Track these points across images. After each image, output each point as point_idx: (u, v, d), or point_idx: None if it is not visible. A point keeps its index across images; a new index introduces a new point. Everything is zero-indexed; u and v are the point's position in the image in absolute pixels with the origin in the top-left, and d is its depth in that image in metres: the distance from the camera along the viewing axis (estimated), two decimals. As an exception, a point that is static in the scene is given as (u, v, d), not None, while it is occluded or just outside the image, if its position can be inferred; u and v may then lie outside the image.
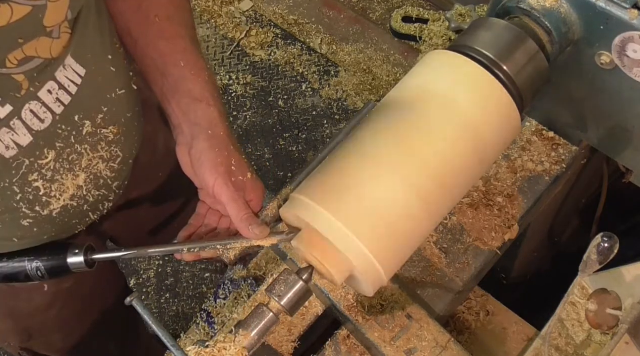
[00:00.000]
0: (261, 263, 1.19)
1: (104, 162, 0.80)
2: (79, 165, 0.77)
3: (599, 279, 0.90)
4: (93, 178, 0.80)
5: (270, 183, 2.21)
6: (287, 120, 2.35)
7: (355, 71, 2.38)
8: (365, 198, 0.65)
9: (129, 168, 0.89)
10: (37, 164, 0.72)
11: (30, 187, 0.73)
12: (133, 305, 0.75)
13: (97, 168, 0.80)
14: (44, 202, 0.76)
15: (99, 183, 0.82)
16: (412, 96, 0.71)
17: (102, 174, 0.81)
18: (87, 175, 0.79)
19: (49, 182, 0.75)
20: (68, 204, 0.79)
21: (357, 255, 0.64)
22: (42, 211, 0.77)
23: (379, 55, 2.40)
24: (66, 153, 0.75)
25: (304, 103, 2.37)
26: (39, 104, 0.69)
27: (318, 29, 2.49)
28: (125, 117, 0.83)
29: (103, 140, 0.79)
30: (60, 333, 1.13)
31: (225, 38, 2.53)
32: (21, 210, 0.75)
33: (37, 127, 0.70)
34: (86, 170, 0.78)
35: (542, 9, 0.76)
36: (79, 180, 0.78)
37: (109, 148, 0.80)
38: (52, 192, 0.76)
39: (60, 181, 0.76)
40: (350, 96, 2.36)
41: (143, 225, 1.21)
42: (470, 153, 0.69)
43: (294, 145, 2.30)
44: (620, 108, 0.84)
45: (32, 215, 0.76)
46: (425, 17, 2.42)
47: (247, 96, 2.40)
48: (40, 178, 0.74)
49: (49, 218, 0.78)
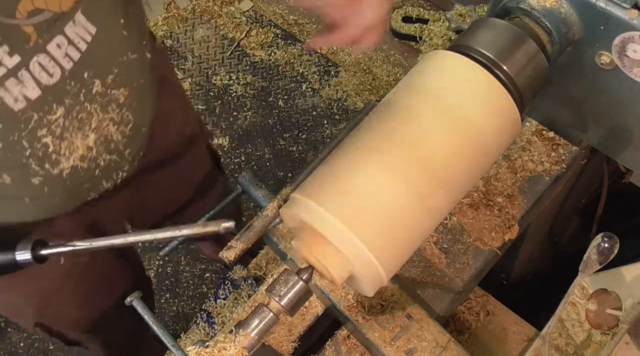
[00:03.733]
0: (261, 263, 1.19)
1: (114, 124, 0.80)
2: (89, 124, 0.77)
3: (599, 279, 0.90)
4: (103, 140, 0.80)
5: (270, 183, 2.21)
6: (287, 120, 2.35)
7: (355, 71, 2.38)
8: (365, 199, 0.65)
9: (142, 138, 0.89)
10: (46, 119, 0.73)
11: (39, 142, 0.74)
12: (133, 305, 0.75)
13: (108, 131, 0.80)
14: (53, 160, 0.76)
15: (110, 147, 0.82)
16: (411, 96, 0.71)
17: (113, 137, 0.81)
18: (97, 136, 0.79)
19: (58, 138, 0.75)
20: (78, 165, 0.79)
21: (357, 255, 0.64)
22: (51, 169, 0.77)
23: (379, 55, 2.40)
24: (75, 110, 0.75)
25: (304, 103, 2.37)
26: (48, 57, 0.70)
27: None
28: (137, 82, 0.83)
29: (114, 101, 0.79)
30: (74, 309, 1.14)
31: (225, 38, 2.53)
32: (31, 167, 0.75)
33: (45, 81, 0.70)
34: (96, 131, 0.78)
35: (542, 9, 0.76)
36: (89, 141, 0.78)
37: (120, 111, 0.80)
38: (62, 150, 0.76)
39: (69, 139, 0.76)
40: (350, 96, 2.36)
41: (159, 208, 1.21)
42: (470, 154, 0.69)
43: (294, 145, 2.30)
44: (620, 108, 0.84)
45: (42, 173, 0.76)
46: (425, 17, 2.42)
47: (247, 96, 2.40)
48: (49, 134, 0.74)
49: (59, 179, 0.78)
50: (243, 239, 0.78)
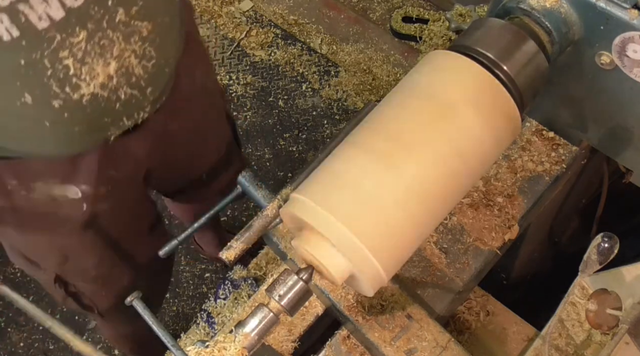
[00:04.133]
0: (261, 263, 1.19)
1: (136, 57, 0.82)
2: (110, 52, 0.79)
3: (599, 279, 0.90)
4: (125, 71, 0.82)
5: (270, 183, 2.21)
6: (287, 120, 2.35)
7: (355, 71, 2.38)
8: (365, 199, 0.65)
9: (164, 79, 0.91)
10: (69, 41, 0.74)
11: (60, 63, 0.75)
12: (133, 304, 0.75)
13: (129, 62, 0.82)
14: (73, 84, 0.78)
15: (131, 80, 0.83)
16: (411, 96, 0.71)
17: (134, 71, 0.83)
18: (118, 66, 0.80)
19: (79, 62, 0.77)
20: (98, 93, 0.80)
21: (357, 255, 0.64)
22: (72, 93, 0.78)
23: (379, 55, 2.41)
24: (97, 36, 0.76)
25: (304, 103, 2.37)
26: None
27: (318, 29, 2.49)
28: (162, 19, 0.84)
29: (136, 33, 0.80)
30: (93, 258, 1.16)
31: (225, 38, 2.53)
32: (51, 88, 0.77)
33: (70, 3, 0.72)
34: (117, 60, 0.80)
35: (542, 9, 0.76)
36: (110, 69, 0.79)
37: (143, 44, 0.82)
38: (82, 75, 0.78)
39: (90, 64, 0.78)
40: (350, 96, 2.36)
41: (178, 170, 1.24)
42: (470, 154, 0.69)
43: (294, 145, 2.30)
44: (620, 108, 0.84)
45: (62, 96, 0.78)
46: (425, 17, 2.42)
47: (247, 96, 2.40)
48: (71, 56, 0.76)
49: (78, 104, 0.80)
50: (243, 239, 0.78)
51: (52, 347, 2.02)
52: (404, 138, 0.67)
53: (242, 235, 0.78)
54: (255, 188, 0.85)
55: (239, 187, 0.86)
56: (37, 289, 2.10)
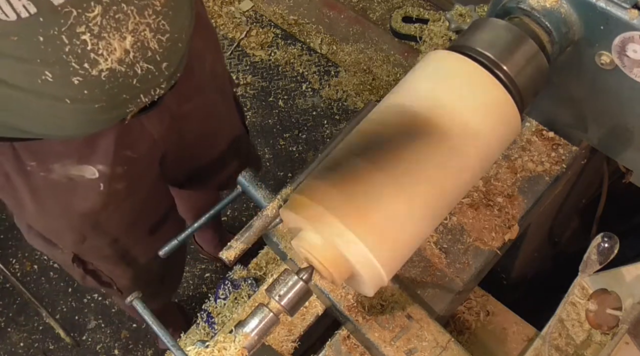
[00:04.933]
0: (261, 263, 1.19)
1: (151, 31, 0.83)
2: (126, 26, 0.80)
3: (599, 279, 0.90)
4: (140, 46, 0.83)
5: (270, 183, 2.21)
6: (287, 120, 2.35)
7: (355, 71, 2.38)
8: (365, 198, 0.65)
9: (179, 53, 0.92)
10: (85, 17, 0.75)
11: (78, 39, 0.76)
12: (133, 304, 0.75)
13: (145, 36, 0.83)
14: (92, 59, 0.79)
15: (147, 54, 0.85)
16: (411, 96, 0.71)
17: (149, 45, 0.84)
18: (134, 40, 0.81)
19: (96, 37, 0.78)
20: (116, 68, 0.81)
21: (357, 255, 0.64)
22: (90, 69, 0.79)
23: (379, 55, 2.41)
24: (112, 10, 0.77)
25: (304, 103, 2.37)
26: None
27: (318, 29, 2.49)
28: None
29: (150, 6, 0.81)
30: (110, 237, 1.18)
31: (225, 38, 2.53)
32: (70, 64, 0.78)
33: None
34: (133, 34, 0.81)
35: (542, 9, 0.76)
36: (126, 43, 0.81)
37: (157, 17, 0.83)
38: (100, 50, 0.79)
39: (107, 39, 0.79)
40: (350, 96, 2.36)
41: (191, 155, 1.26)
42: (470, 154, 0.69)
43: (294, 145, 2.30)
44: (620, 108, 0.84)
45: (82, 72, 0.79)
46: (425, 17, 2.42)
47: (247, 96, 2.40)
48: (88, 32, 0.76)
49: (97, 80, 0.81)
50: (243, 239, 0.78)
51: (52, 347, 2.02)
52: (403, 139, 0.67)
53: (242, 235, 0.78)
54: (255, 188, 0.85)
55: (239, 186, 0.86)
56: (37, 289, 2.10)
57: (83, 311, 2.06)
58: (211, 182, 1.41)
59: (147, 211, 1.24)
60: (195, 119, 1.16)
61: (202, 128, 1.21)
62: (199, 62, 1.10)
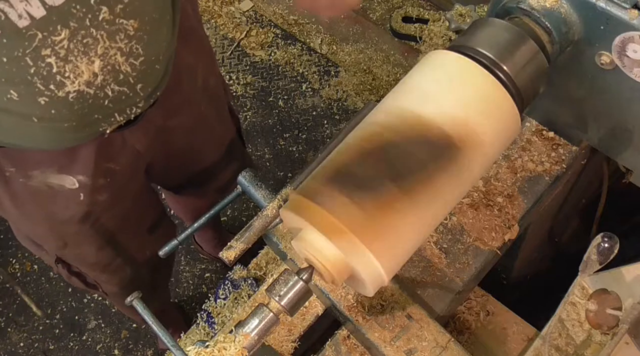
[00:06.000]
0: (261, 263, 1.19)
1: (122, 55, 0.81)
2: (94, 50, 0.78)
3: (599, 279, 0.90)
4: (111, 69, 0.81)
5: (270, 183, 2.21)
6: (287, 120, 2.35)
7: (355, 71, 2.38)
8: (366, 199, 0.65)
9: (156, 75, 0.90)
10: (50, 40, 0.74)
11: (43, 61, 0.75)
12: (133, 304, 0.75)
13: (115, 60, 0.81)
14: (58, 81, 0.77)
15: (119, 77, 0.83)
16: (411, 96, 0.71)
17: (121, 68, 0.82)
18: (103, 64, 0.80)
19: (63, 60, 0.76)
20: (84, 90, 0.80)
21: (358, 255, 0.64)
22: (56, 91, 0.78)
23: (379, 55, 2.40)
24: (80, 34, 0.76)
25: (304, 103, 2.37)
26: None
27: (318, 29, 2.49)
28: (149, 17, 0.83)
29: (122, 31, 0.80)
30: (93, 247, 1.17)
31: (225, 38, 2.53)
32: (36, 85, 0.77)
33: (50, 1, 0.72)
34: (102, 58, 0.79)
35: (542, 9, 0.76)
36: (94, 67, 0.79)
37: (129, 42, 0.81)
38: (66, 73, 0.77)
39: (74, 62, 0.77)
40: (350, 96, 2.36)
41: (180, 165, 1.24)
42: (470, 154, 0.69)
43: (294, 145, 2.30)
44: (620, 108, 0.84)
45: (47, 93, 0.78)
46: (425, 17, 2.42)
47: (247, 96, 2.40)
48: (53, 55, 0.75)
49: (65, 101, 0.80)
50: (243, 239, 0.78)
51: (52, 347, 2.02)
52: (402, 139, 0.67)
53: (242, 235, 0.78)
54: (255, 188, 0.85)
55: (239, 187, 0.86)
56: (37, 289, 2.10)
57: (83, 311, 2.06)
58: (206, 188, 1.39)
59: (133, 220, 1.22)
60: (183, 131, 1.14)
61: (192, 140, 1.19)
62: (190, 75, 1.08)
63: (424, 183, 0.65)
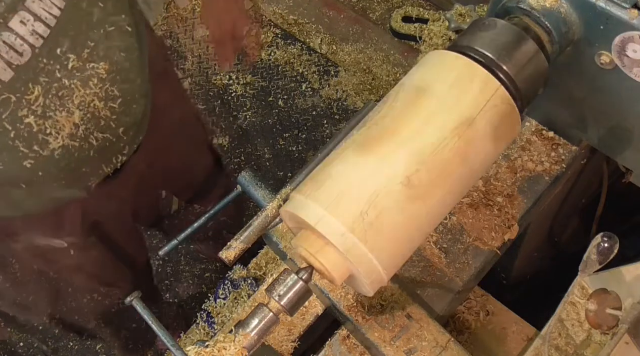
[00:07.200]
0: (261, 263, 1.19)
1: (100, 100, 0.79)
2: (71, 101, 0.76)
3: (599, 279, 0.90)
4: (91, 117, 0.79)
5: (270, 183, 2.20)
6: (287, 120, 2.35)
7: (355, 71, 2.38)
8: (365, 198, 0.65)
9: (135, 115, 0.87)
10: (25, 100, 0.72)
11: (22, 123, 0.73)
12: (133, 304, 0.75)
13: (95, 107, 0.79)
14: (41, 140, 0.75)
15: (100, 124, 0.80)
16: (410, 96, 0.71)
17: (101, 114, 0.80)
18: (83, 113, 0.77)
19: (42, 118, 0.74)
20: (69, 144, 0.78)
21: (357, 255, 0.64)
22: (41, 151, 0.76)
23: (379, 55, 2.40)
24: (54, 88, 0.74)
25: (304, 103, 2.37)
26: (13, 36, 0.68)
27: (318, 29, 2.49)
28: (118, 56, 0.81)
29: (95, 76, 0.77)
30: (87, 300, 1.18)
31: (225, 38, 2.53)
32: (19, 150, 0.74)
33: (16, 61, 0.69)
34: (81, 107, 0.77)
35: (542, 9, 0.76)
36: (75, 118, 0.77)
37: (104, 86, 0.79)
38: (47, 130, 0.75)
39: (53, 118, 0.75)
40: (350, 96, 2.36)
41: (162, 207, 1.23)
42: (469, 154, 0.69)
43: (294, 145, 2.30)
44: (620, 108, 0.84)
45: (32, 155, 0.75)
46: (425, 17, 2.41)
47: (247, 96, 2.40)
48: (31, 114, 0.73)
49: (51, 160, 0.77)
50: (243, 239, 0.78)
51: (52, 347, 2.02)
52: (402, 137, 0.67)
53: (242, 235, 0.78)
54: (255, 188, 0.85)
55: (239, 187, 0.86)
56: (37, 289, 2.10)
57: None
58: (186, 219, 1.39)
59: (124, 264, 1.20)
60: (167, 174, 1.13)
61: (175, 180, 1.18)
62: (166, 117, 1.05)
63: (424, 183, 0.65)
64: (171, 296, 2.08)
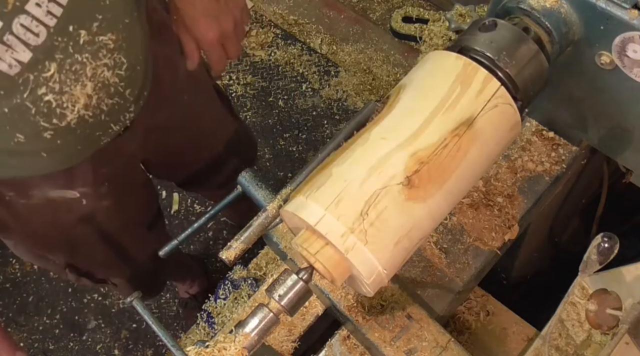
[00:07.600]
0: (261, 263, 1.19)
1: (109, 69, 0.83)
2: (84, 74, 0.80)
3: (599, 279, 0.90)
4: (102, 86, 0.83)
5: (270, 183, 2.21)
6: (287, 120, 2.35)
7: (355, 71, 2.38)
8: (365, 198, 0.65)
9: (139, 76, 0.92)
10: (42, 78, 0.75)
11: (41, 101, 0.77)
12: (133, 304, 0.75)
13: (104, 76, 0.83)
14: (59, 114, 0.80)
15: (110, 91, 0.85)
16: (410, 95, 0.71)
17: (110, 81, 0.84)
18: (94, 84, 0.82)
19: (58, 93, 0.78)
20: (84, 114, 0.82)
21: (357, 254, 0.64)
22: (59, 123, 0.80)
23: (379, 55, 2.40)
24: (68, 64, 0.77)
25: (304, 103, 2.37)
26: (29, 18, 0.71)
27: (318, 29, 2.49)
28: (122, 24, 0.84)
29: (103, 47, 0.81)
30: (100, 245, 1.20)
31: (225, 38, 2.53)
32: (39, 124, 0.79)
33: (33, 41, 0.73)
34: (92, 79, 0.81)
35: (542, 9, 0.76)
36: (88, 89, 0.81)
37: (112, 55, 0.83)
38: (64, 103, 0.79)
39: (69, 92, 0.79)
40: (350, 96, 2.36)
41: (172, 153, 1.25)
42: (469, 154, 0.69)
43: (294, 145, 2.30)
44: (620, 108, 0.84)
45: (51, 127, 0.80)
46: (425, 17, 2.41)
47: (247, 96, 2.40)
48: (49, 92, 0.77)
49: (68, 129, 0.82)
50: (243, 239, 0.78)
51: (52, 347, 2.02)
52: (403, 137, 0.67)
53: (242, 235, 0.78)
54: (255, 188, 0.85)
55: (239, 187, 0.86)
56: (37, 289, 2.10)
57: (83, 311, 2.06)
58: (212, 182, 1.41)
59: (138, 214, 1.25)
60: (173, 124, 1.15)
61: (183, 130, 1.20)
62: (169, 69, 1.08)
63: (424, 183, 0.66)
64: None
